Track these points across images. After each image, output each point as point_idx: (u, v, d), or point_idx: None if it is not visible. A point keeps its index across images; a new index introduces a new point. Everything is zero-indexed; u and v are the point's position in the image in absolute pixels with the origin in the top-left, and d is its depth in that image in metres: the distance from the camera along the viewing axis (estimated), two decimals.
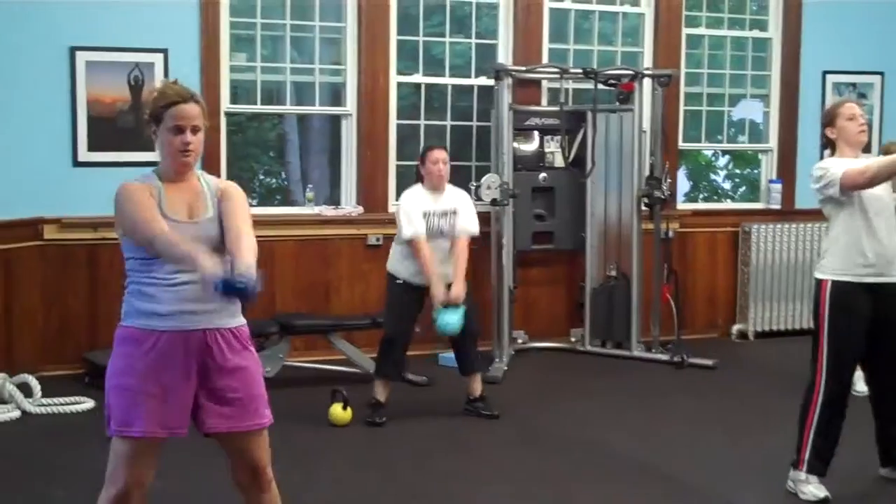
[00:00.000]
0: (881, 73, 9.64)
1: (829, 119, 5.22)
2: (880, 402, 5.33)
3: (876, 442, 5.40)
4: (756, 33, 9.42)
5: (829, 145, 5.26)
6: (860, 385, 6.06)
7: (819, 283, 5.15)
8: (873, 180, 4.94)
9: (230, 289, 3.27)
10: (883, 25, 9.56)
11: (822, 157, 5.20)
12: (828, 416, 5.10)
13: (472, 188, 7.83)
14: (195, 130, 3.57)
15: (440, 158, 6.41)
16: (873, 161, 5.05)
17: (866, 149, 5.71)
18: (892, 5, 9.56)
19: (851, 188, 4.98)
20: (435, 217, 6.36)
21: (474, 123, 8.51)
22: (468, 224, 6.44)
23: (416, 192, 6.46)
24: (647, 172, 8.31)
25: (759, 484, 5.40)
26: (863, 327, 5.08)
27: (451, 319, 6.22)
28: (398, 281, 6.41)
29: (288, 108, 8.46)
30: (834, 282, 5.08)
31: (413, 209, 6.31)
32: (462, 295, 6.27)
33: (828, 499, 5.07)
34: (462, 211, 6.44)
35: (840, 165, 5.03)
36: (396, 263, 6.44)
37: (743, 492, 5.34)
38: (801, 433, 5.16)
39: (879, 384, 5.31)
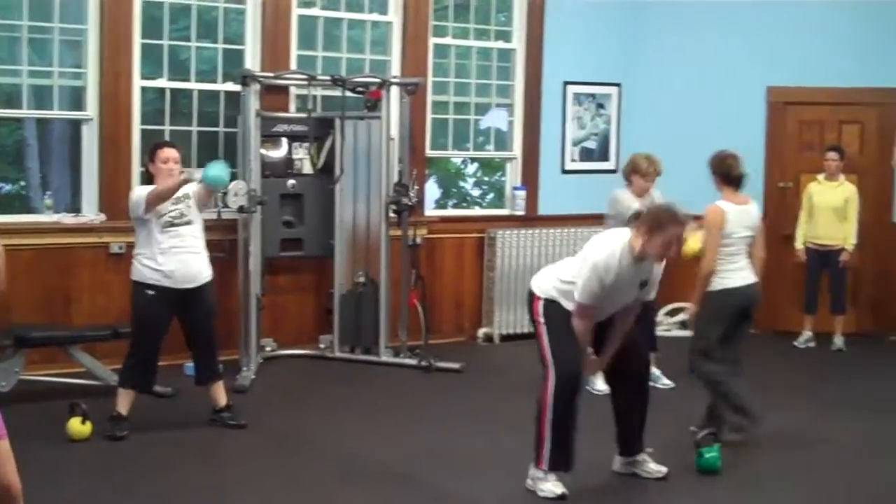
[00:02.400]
0: (618, 85, 10.07)
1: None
2: (621, 398, 5.58)
3: (616, 434, 5.65)
4: (501, 44, 9.67)
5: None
6: (599, 384, 6.31)
7: (532, 295, 5.47)
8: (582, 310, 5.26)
9: None
10: (620, 40, 10.00)
11: None
12: (561, 412, 5.27)
13: (219, 195, 7.73)
14: None
15: (171, 157, 6.27)
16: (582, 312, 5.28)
17: (604, 155, 6.00)
18: (629, 21, 10.01)
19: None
20: (170, 206, 6.19)
21: (221, 129, 8.38)
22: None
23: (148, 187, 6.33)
24: (395, 179, 8.40)
25: (502, 483, 5.54)
26: None
27: (217, 170, 6.17)
28: (148, 292, 6.22)
29: (25, 111, 8.12)
30: (546, 300, 5.38)
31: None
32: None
33: (565, 495, 5.25)
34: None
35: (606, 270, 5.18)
36: (144, 267, 6.22)
37: (487, 492, 5.47)
38: (538, 431, 5.32)
39: (621, 381, 5.55)
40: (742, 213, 6.25)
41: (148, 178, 6.43)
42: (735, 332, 6.27)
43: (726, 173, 6.30)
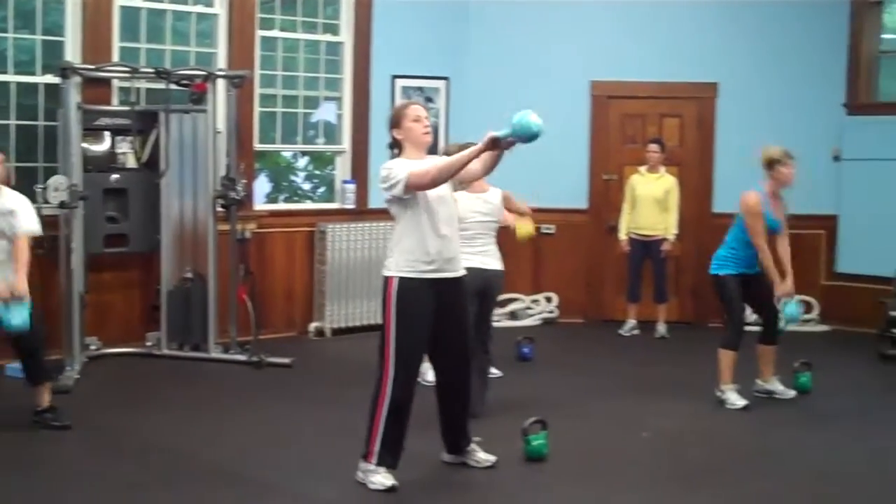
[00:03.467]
0: (447, 79, 10.14)
1: (395, 121, 5.44)
2: (444, 391, 5.61)
3: (441, 430, 5.67)
4: (329, 37, 9.64)
5: (396, 146, 5.47)
6: (429, 375, 6.36)
7: (386, 280, 5.36)
8: (435, 181, 5.20)
9: None
10: (448, 34, 10.08)
11: (391, 158, 5.41)
12: (395, 408, 5.30)
13: (39, 191, 7.52)
14: None
15: None
16: (434, 163, 5.29)
17: (433, 148, 6.11)
18: (457, 15, 10.11)
19: (415, 189, 5.21)
20: None
21: (41, 123, 8.14)
22: (29, 223, 6.20)
23: None
24: (222, 173, 8.30)
25: (333, 477, 5.52)
26: (427, 321, 5.33)
27: (20, 314, 6.05)
28: None
29: None
30: (400, 278, 5.30)
31: None
32: (26, 290, 6.08)
33: (395, 487, 5.27)
34: (21, 212, 6.17)
35: (405, 166, 5.25)
36: None
37: (318, 487, 5.45)
38: (370, 426, 5.33)
39: (443, 374, 5.59)
40: (475, 200, 6.50)
41: None
42: (478, 317, 6.43)
43: None
